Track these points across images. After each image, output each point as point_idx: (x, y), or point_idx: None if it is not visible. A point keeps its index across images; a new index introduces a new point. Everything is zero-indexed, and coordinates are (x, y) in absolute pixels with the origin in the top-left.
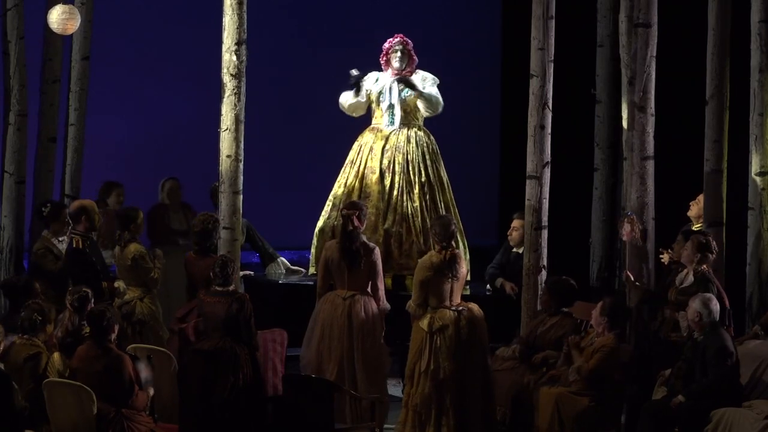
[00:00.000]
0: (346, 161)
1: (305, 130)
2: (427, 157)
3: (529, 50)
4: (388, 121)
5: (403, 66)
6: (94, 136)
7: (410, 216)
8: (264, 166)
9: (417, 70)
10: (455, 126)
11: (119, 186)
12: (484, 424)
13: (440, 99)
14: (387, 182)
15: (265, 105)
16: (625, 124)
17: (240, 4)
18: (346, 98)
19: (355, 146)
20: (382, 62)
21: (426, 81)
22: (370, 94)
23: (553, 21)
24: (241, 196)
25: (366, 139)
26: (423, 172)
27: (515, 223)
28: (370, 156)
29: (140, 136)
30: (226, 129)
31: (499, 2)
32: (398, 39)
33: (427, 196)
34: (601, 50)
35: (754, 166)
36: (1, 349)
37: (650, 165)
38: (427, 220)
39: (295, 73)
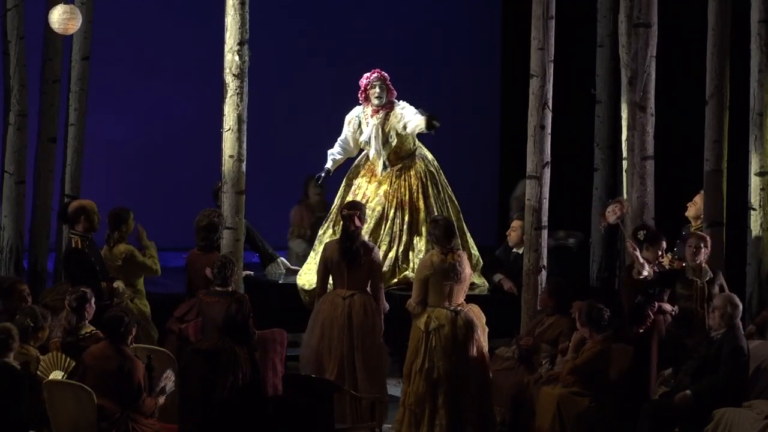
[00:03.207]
0: (334, 205)
1: (307, 130)
2: (418, 188)
3: (529, 50)
4: (380, 169)
5: (383, 102)
6: (94, 136)
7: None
8: (265, 166)
9: (397, 102)
10: (455, 126)
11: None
12: (480, 424)
13: (417, 121)
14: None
15: (267, 105)
16: (624, 123)
17: (242, 4)
18: (332, 156)
19: (342, 190)
20: (360, 98)
21: (405, 113)
22: (360, 143)
23: (553, 21)
24: (244, 196)
25: (358, 183)
26: (413, 213)
27: (514, 223)
28: None
29: (141, 136)
30: (229, 129)
31: (499, 2)
32: (375, 75)
33: (413, 233)
34: (601, 50)
35: (754, 166)
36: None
37: (650, 165)
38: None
39: (297, 73)
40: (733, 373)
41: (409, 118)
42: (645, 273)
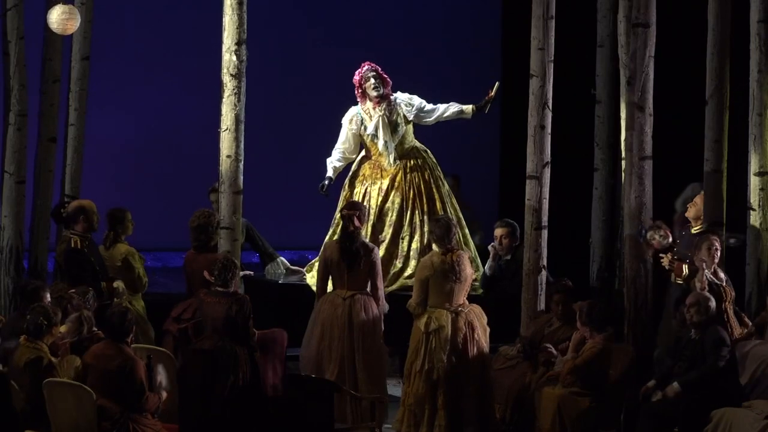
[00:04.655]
0: (338, 210)
1: (305, 130)
2: (430, 178)
3: (529, 50)
4: (390, 161)
5: (381, 92)
6: (94, 136)
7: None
8: (264, 166)
9: (395, 93)
10: (455, 126)
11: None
12: (481, 425)
13: (445, 106)
14: (385, 234)
15: (266, 105)
16: (623, 123)
17: (240, 4)
18: (332, 164)
19: (346, 194)
20: (357, 95)
21: (413, 101)
22: (364, 136)
23: (553, 21)
24: (242, 196)
25: (369, 183)
26: (431, 204)
27: (498, 231)
28: (368, 205)
29: (140, 136)
30: (226, 129)
31: (499, 2)
32: (366, 67)
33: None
34: (601, 50)
35: (754, 166)
36: None
37: (648, 165)
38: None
39: (296, 73)
40: (715, 364)
41: (431, 106)
42: (706, 287)
